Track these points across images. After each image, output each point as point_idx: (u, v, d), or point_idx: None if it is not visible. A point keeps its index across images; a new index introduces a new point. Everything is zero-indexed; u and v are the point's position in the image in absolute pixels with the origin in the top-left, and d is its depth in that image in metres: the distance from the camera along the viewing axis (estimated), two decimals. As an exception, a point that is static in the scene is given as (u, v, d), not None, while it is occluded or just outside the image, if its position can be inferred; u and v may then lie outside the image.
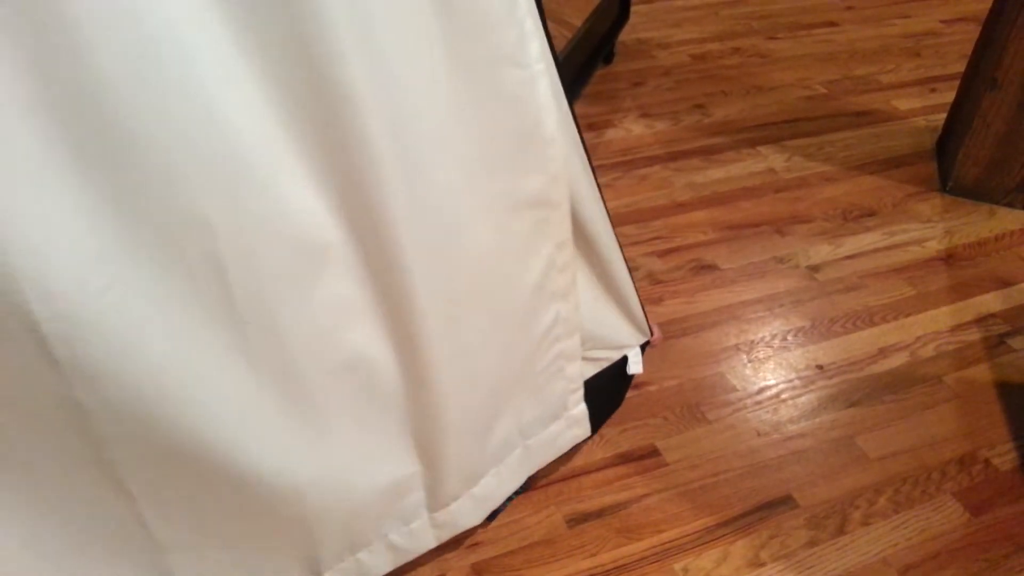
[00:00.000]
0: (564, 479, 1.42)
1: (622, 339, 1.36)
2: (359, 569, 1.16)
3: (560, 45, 2.24)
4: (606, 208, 1.22)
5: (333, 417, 0.97)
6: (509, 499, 1.36)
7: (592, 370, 1.34)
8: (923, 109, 2.53)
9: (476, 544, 1.31)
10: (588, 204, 1.17)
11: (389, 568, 1.19)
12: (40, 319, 0.71)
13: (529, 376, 1.22)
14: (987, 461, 1.47)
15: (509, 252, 1.07)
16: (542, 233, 1.10)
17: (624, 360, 1.38)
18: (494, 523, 1.34)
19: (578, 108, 2.47)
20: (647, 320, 1.40)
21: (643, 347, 1.43)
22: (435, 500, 1.17)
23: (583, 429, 1.35)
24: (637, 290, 1.35)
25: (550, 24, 2.13)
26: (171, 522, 0.92)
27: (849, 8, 3.20)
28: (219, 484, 0.90)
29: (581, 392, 1.31)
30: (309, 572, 1.10)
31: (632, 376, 1.41)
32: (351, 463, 1.02)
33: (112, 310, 0.75)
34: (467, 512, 1.23)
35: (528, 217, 1.07)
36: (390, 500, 1.12)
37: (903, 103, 2.57)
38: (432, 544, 1.21)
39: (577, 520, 1.36)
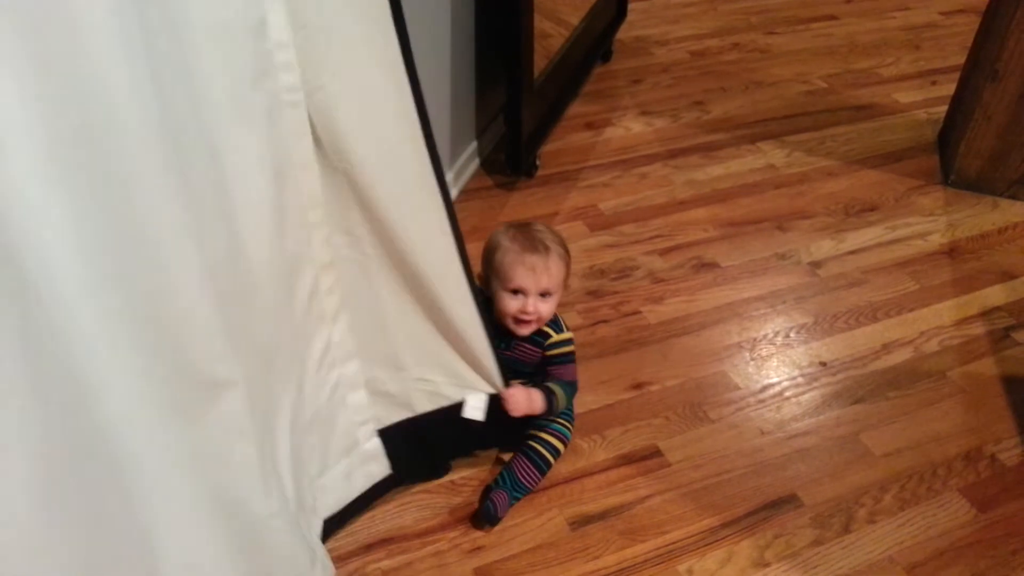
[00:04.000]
0: (566, 481, 1.41)
1: (461, 379, 1.32)
2: None
3: (557, 44, 2.23)
4: (462, 254, 1.21)
5: None
6: (511, 503, 1.35)
7: (425, 405, 1.31)
8: (924, 102, 2.52)
9: (478, 548, 1.30)
10: (421, 248, 1.16)
11: None
12: None
13: (317, 411, 1.20)
14: (993, 456, 1.46)
15: (270, 270, 1.05)
16: (303, 256, 1.10)
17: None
18: (497, 527, 1.33)
19: (576, 107, 2.45)
20: (504, 378, 1.34)
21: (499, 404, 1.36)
22: None
23: (380, 466, 1.31)
24: (493, 343, 1.30)
25: (548, 23, 2.13)
26: None
27: (848, 1, 3.18)
28: None
29: (371, 426, 1.28)
30: None
31: (481, 423, 1.34)
32: None
33: None
34: None
35: (290, 236, 1.06)
36: None
37: (904, 96, 2.55)
38: None
39: (580, 522, 1.35)
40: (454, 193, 2.05)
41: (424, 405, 1.31)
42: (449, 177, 2.01)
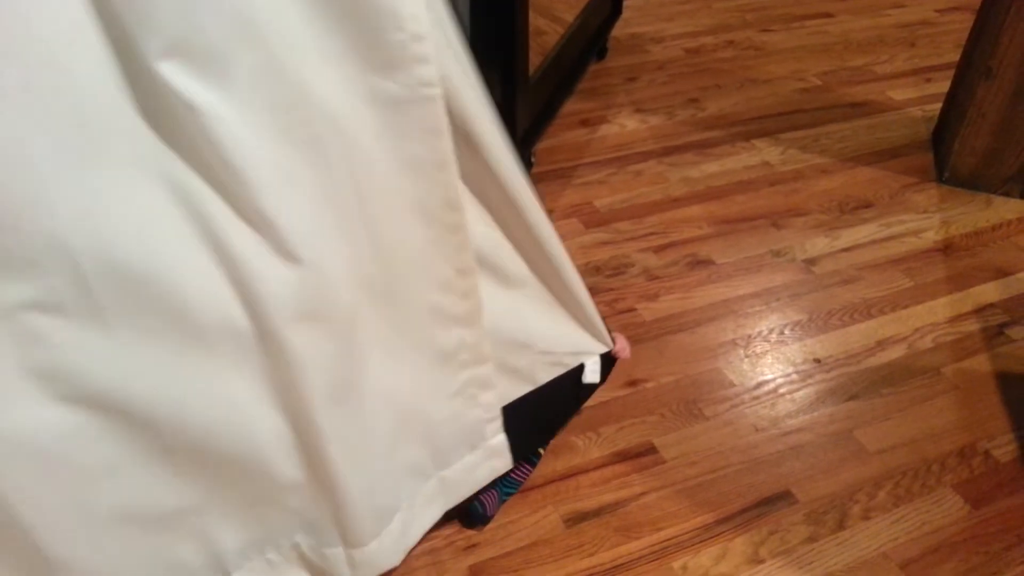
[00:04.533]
0: (561, 478, 1.41)
1: (577, 346, 1.34)
2: (270, 570, 1.14)
3: (552, 41, 2.23)
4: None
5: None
6: (501, 501, 1.35)
7: (546, 376, 1.31)
8: (918, 99, 2.52)
9: (473, 545, 1.30)
10: (539, 216, 1.17)
11: None
12: None
13: (438, 402, 1.18)
14: (987, 453, 1.46)
15: (398, 261, 1.05)
16: (439, 254, 1.08)
17: (581, 369, 1.37)
18: (491, 524, 1.33)
19: (571, 104, 2.45)
20: (608, 332, 1.38)
21: (608, 361, 1.40)
22: (351, 537, 1.13)
23: (503, 460, 1.30)
24: (595, 303, 1.34)
25: (542, 20, 2.13)
26: None
27: (843, -1, 3.19)
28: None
29: (499, 422, 1.27)
30: (217, 571, 1.09)
31: (590, 386, 1.38)
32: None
33: None
34: (386, 552, 1.18)
35: (421, 233, 1.05)
36: (291, 507, 1.10)
37: (898, 93, 2.55)
38: None
39: (575, 519, 1.35)
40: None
41: (544, 376, 1.32)
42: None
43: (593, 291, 1.77)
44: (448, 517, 1.33)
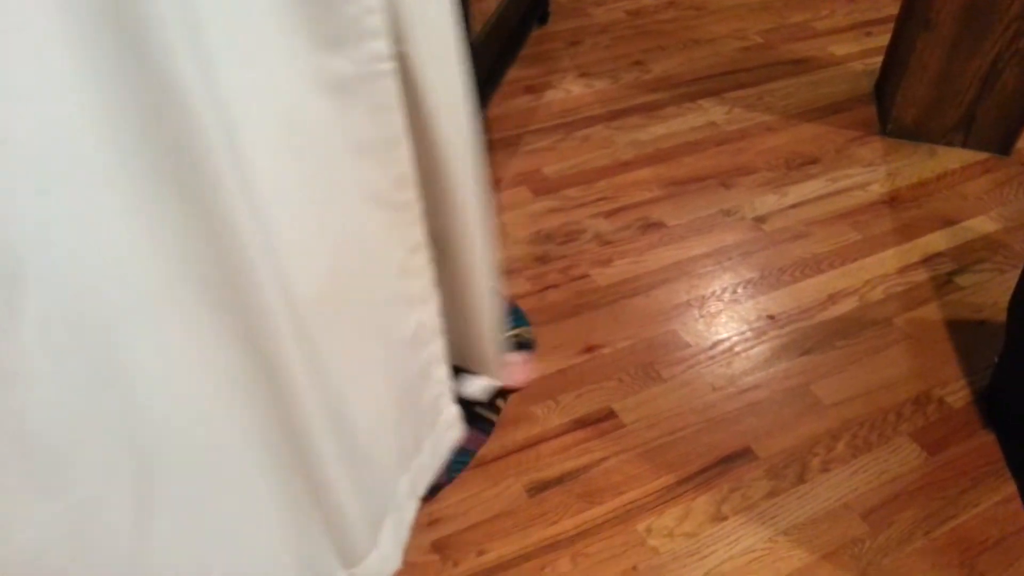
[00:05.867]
0: (522, 448, 1.39)
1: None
2: None
3: (492, 7, 2.19)
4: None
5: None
6: (454, 470, 1.33)
7: None
8: (860, 53, 2.53)
9: (436, 521, 1.29)
10: (476, 221, 1.15)
11: None
12: None
13: (404, 389, 1.15)
14: (941, 400, 1.48)
15: (356, 259, 0.99)
16: (392, 238, 1.04)
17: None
18: (452, 498, 1.31)
19: (515, 71, 2.42)
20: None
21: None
22: (350, 556, 1.09)
23: (457, 430, 1.30)
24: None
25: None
26: None
27: (781, -44, 3.18)
28: None
29: (450, 395, 1.26)
30: None
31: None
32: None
33: None
34: (386, 558, 1.15)
35: (375, 219, 1.00)
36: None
37: (839, 48, 2.56)
38: None
39: (537, 489, 1.34)
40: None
41: None
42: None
43: (545, 259, 1.76)
44: (408, 494, 1.32)
